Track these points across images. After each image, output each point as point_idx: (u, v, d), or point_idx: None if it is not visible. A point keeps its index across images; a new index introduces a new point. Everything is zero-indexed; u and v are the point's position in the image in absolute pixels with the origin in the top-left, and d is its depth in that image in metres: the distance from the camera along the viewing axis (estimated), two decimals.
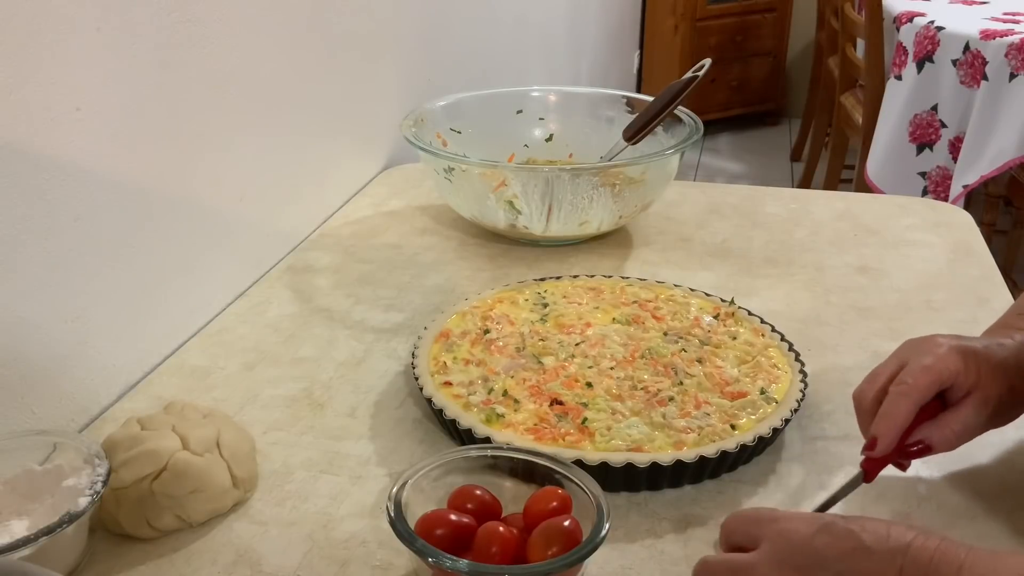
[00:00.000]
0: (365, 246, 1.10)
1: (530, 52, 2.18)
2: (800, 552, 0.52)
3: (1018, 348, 0.64)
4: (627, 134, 1.09)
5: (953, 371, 0.62)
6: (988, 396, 0.62)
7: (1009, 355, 0.63)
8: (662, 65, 3.83)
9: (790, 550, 0.52)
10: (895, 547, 0.49)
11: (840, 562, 0.50)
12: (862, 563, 0.50)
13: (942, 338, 0.64)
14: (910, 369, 0.62)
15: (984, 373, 0.62)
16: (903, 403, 0.61)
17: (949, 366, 0.61)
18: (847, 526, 0.52)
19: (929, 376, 0.61)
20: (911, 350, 0.64)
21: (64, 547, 0.59)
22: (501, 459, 0.62)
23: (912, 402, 0.61)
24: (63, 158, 0.72)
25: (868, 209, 1.20)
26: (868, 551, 0.50)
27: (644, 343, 0.80)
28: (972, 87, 2.27)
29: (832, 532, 0.52)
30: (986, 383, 0.62)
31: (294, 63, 1.05)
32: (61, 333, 0.74)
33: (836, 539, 0.51)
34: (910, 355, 0.64)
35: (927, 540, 0.49)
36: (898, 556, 0.49)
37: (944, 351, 0.62)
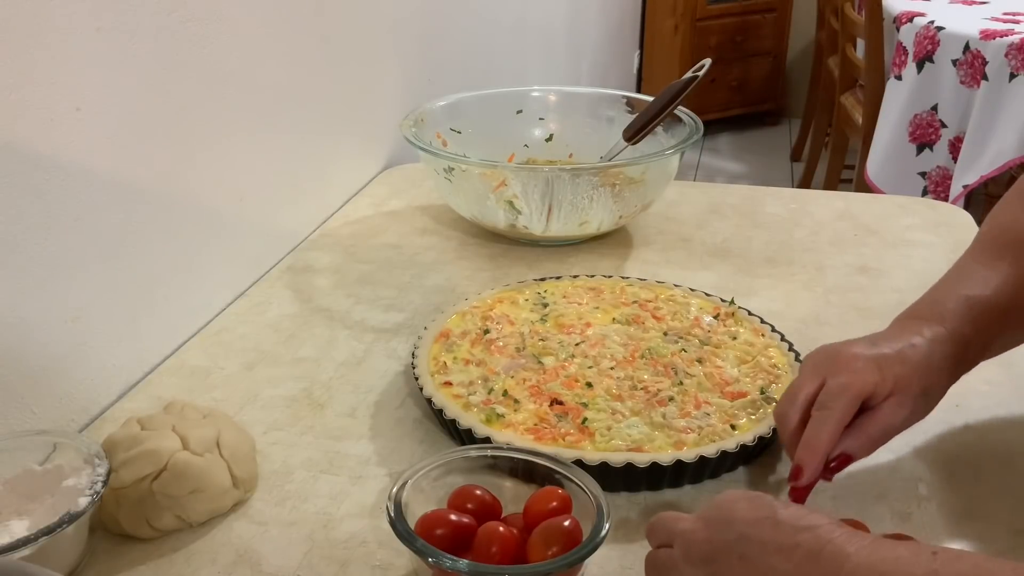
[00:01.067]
0: (365, 246, 1.10)
1: (530, 52, 2.18)
2: (716, 508, 0.53)
3: (928, 348, 0.64)
4: (627, 134, 1.09)
5: (871, 384, 0.62)
6: (904, 400, 0.63)
7: (921, 357, 0.64)
8: (662, 65, 3.83)
9: (711, 506, 0.54)
10: (803, 526, 0.50)
11: (747, 525, 0.51)
12: (766, 531, 0.50)
13: (857, 348, 0.64)
14: (829, 390, 0.63)
15: (899, 379, 0.63)
16: (825, 429, 0.61)
17: (867, 380, 0.62)
18: (771, 501, 0.53)
19: (848, 395, 0.62)
20: (828, 365, 0.64)
21: (64, 547, 0.59)
22: (501, 459, 0.62)
23: (835, 426, 0.62)
24: (63, 158, 0.72)
25: (868, 209, 1.20)
26: (777, 522, 0.51)
27: (644, 343, 0.80)
28: (972, 87, 2.27)
29: (753, 501, 0.53)
30: (901, 388, 0.63)
31: (294, 63, 1.06)
32: (61, 333, 0.74)
33: (753, 507, 0.52)
34: (827, 371, 0.64)
35: (834, 531, 0.49)
36: (802, 532, 0.50)
37: (860, 365, 0.63)
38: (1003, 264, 0.68)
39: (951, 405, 0.76)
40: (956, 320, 0.66)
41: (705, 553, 0.52)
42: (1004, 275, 0.68)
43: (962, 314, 0.66)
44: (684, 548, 0.53)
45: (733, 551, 0.51)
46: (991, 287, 0.67)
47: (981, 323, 0.66)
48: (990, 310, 0.66)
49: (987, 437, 0.74)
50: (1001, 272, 0.68)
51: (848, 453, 0.63)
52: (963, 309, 0.66)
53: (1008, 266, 0.68)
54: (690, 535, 0.53)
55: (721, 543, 0.51)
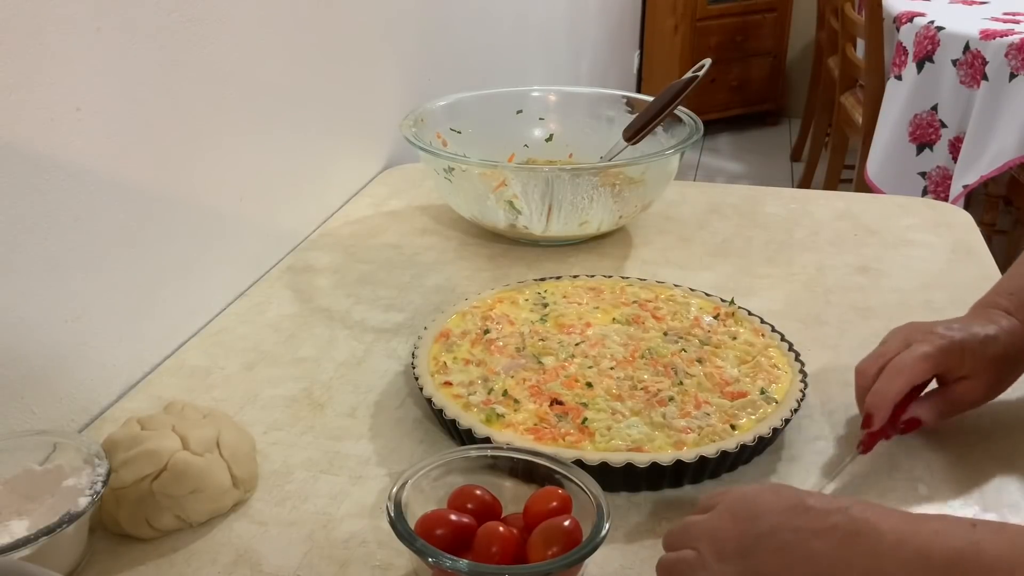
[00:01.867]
0: (365, 246, 1.10)
1: (530, 52, 2.18)
2: (741, 501, 0.54)
3: (1005, 342, 0.69)
4: (627, 134, 1.09)
5: (950, 363, 0.68)
6: (977, 385, 0.69)
7: (999, 351, 0.69)
8: (662, 65, 3.83)
9: (733, 501, 0.55)
10: (833, 508, 0.51)
11: (777, 515, 0.52)
12: (798, 518, 0.51)
13: (945, 330, 0.69)
14: (910, 353, 0.68)
15: (977, 367, 0.68)
16: (897, 381, 0.67)
17: (948, 359, 0.68)
18: (794, 490, 0.54)
19: (927, 364, 0.67)
20: (916, 335, 0.69)
21: (64, 547, 0.59)
22: (501, 459, 0.62)
23: (905, 381, 0.67)
24: (63, 158, 0.72)
25: (868, 209, 1.20)
26: (807, 508, 0.51)
27: (644, 343, 0.80)
28: (972, 87, 2.27)
29: (777, 492, 0.54)
30: (977, 375, 0.68)
31: (294, 63, 1.06)
32: (61, 333, 0.74)
33: (779, 497, 0.53)
34: (914, 339, 0.69)
35: (866, 510, 0.50)
36: (834, 515, 0.50)
37: (946, 344, 0.68)
38: None
39: None
40: None
41: (739, 548, 0.52)
42: None
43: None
44: (714, 546, 0.53)
45: (769, 543, 0.51)
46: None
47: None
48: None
49: (987, 437, 0.74)
50: None
51: (917, 417, 0.69)
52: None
53: None
54: (719, 532, 0.53)
55: (754, 536, 0.52)
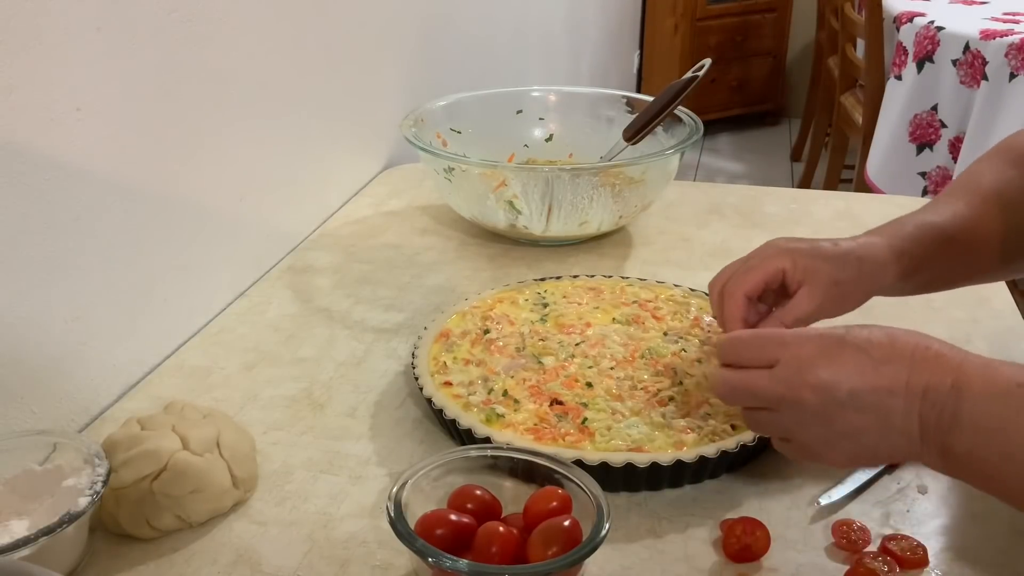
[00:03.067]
0: (365, 246, 1.10)
1: (530, 52, 2.18)
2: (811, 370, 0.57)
3: (850, 248, 0.71)
4: (627, 134, 1.09)
5: (779, 269, 0.70)
6: (814, 290, 0.69)
7: (837, 252, 0.70)
8: (662, 65, 3.83)
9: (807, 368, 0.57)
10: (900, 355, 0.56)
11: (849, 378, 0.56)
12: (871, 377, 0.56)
13: (780, 241, 0.72)
14: (737, 271, 0.72)
15: (809, 269, 0.70)
16: (731, 304, 0.71)
17: (776, 265, 0.70)
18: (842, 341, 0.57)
19: (755, 276, 0.70)
20: (754, 251, 0.73)
21: (64, 547, 0.59)
22: (501, 459, 0.61)
23: (740, 298, 0.70)
24: (63, 158, 0.72)
25: (868, 209, 1.19)
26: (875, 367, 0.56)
27: (644, 343, 0.80)
28: (972, 87, 2.27)
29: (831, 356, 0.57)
30: (811, 277, 0.70)
31: (294, 63, 1.06)
32: (61, 333, 0.74)
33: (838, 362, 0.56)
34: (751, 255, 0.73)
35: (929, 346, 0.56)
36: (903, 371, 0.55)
37: (772, 252, 0.71)
38: (959, 202, 0.75)
39: None
40: (896, 235, 0.72)
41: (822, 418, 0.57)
42: (956, 208, 0.74)
43: (906, 232, 0.72)
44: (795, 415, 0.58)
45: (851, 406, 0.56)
46: (941, 215, 0.74)
47: (921, 241, 0.72)
48: (933, 232, 0.72)
49: None
50: (954, 206, 0.74)
51: None
52: (909, 228, 0.73)
53: (964, 205, 0.74)
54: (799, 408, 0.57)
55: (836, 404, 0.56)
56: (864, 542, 0.62)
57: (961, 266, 0.75)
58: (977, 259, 0.75)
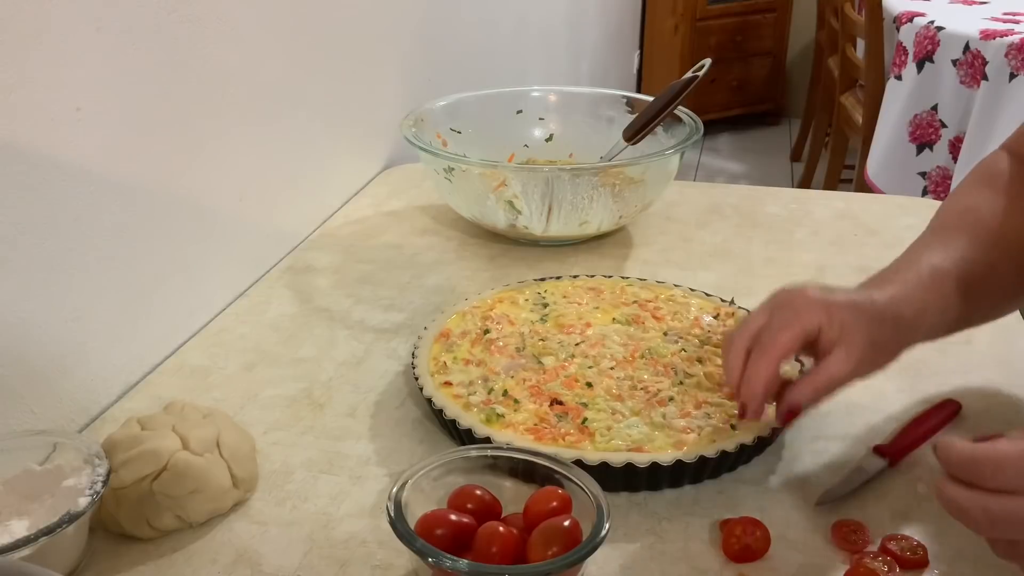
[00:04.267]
0: (365, 246, 1.10)
1: (530, 52, 2.18)
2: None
3: (885, 303, 0.65)
4: (627, 134, 1.09)
5: (815, 326, 0.63)
6: (851, 349, 0.63)
7: (874, 310, 0.64)
8: (662, 65, 3.83)
9: None
10: None
11: None
12: None
13: (811, 291, 0.65)
14: (770, 326, 0.64)
15: (847, 326, 0.63)
16: (763, 364, 0.63)
17: (812, 321, 0.63)
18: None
19: (790, 334, 0.63)
20: (780, 302, 0.66)
21: (64, 547, 0.59)
22: (501, 459, 0.61)
23: (772, 361, 0.63)
24: (63, 158, 0.72)
25: (868, 209, 1.20)
26: None
27: (644, 343, 0.80)
28: (972, 87, 2.27)
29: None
30: (849, 336, 0.63)
31: (294, 63, 1.06)
32: (61, 333, 0.74)
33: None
34: (775, 308, 0.65)
35: None
36: None
37: (807, 305, 0.64)
38: (962, 242, 0.70)
39: None
40: (917, 285, 0.67)
41: None
42: (962, 251, 0.70)
43: (924, 281, 0.67)
44: None
45: None
46: (951, 259, 0.69)
47: (941, 291, 0.68)
48: (951, 280, 0.68)
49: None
50: (960, 248, 0.70)
51: (792, 404, 0.64)
52: (926, 275, 0.68)
53: (968, 244, 0.70)
54: None
55: None
56: (864, 542, 0.62)
57: (980, 310, 0.72)
58: (996, 299, 0.73)
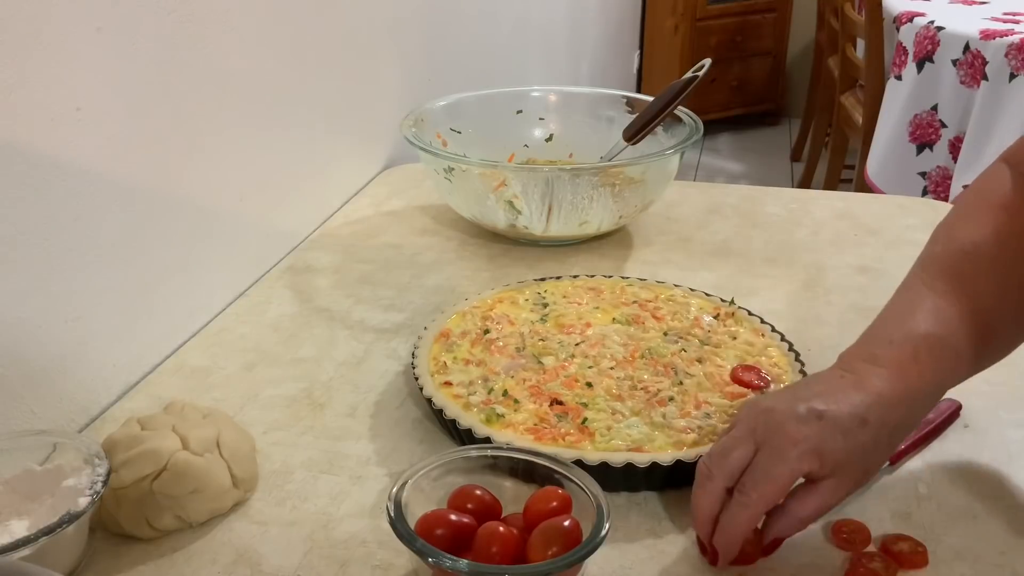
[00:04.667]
0: (365, 246, 1.10)
1: (530, 52, 2.18)
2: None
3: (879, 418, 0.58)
4: (627, 134, 1.09)
5: (805, 472, 0.57)
6: (843, 483, 0.58)
7: (866, 437, 0.58)
8: (662, 65, 3.83)
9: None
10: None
11: None
12: None
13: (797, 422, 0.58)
14: (755, 472, 0.57)
15: (839, 465, 0.57)
16: (745, 519, 0.57)
17: (802, 469, 0.57)
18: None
19: (777, 487, 0.57)
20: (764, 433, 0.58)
21: (64, 547, 0.59)
22: (501, 459, 0.62)
23: (755, 517, 0.57)
24: (63, 158, 0.72)
25: (868, 209, 1.20)
26: None
27: (644, 343, 0.80)
28: (972, 87, 2.27)
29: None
30: (842, 472, 0.58)
31: (294, 63, 1.06)
32: (61, 333, 0.74)
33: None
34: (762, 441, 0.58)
35: None
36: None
37: (797, 452, 0.56)
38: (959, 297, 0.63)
39: None
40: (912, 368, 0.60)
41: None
42: (959, 311, 0.63)
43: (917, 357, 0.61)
44: None
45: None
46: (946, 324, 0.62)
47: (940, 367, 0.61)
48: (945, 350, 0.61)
49: (987, 437, 0.74)
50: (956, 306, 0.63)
51: (778, 538, 0.60)
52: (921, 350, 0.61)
53: (967, 299, 0.63)
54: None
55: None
56: (864, 542, 0.62)
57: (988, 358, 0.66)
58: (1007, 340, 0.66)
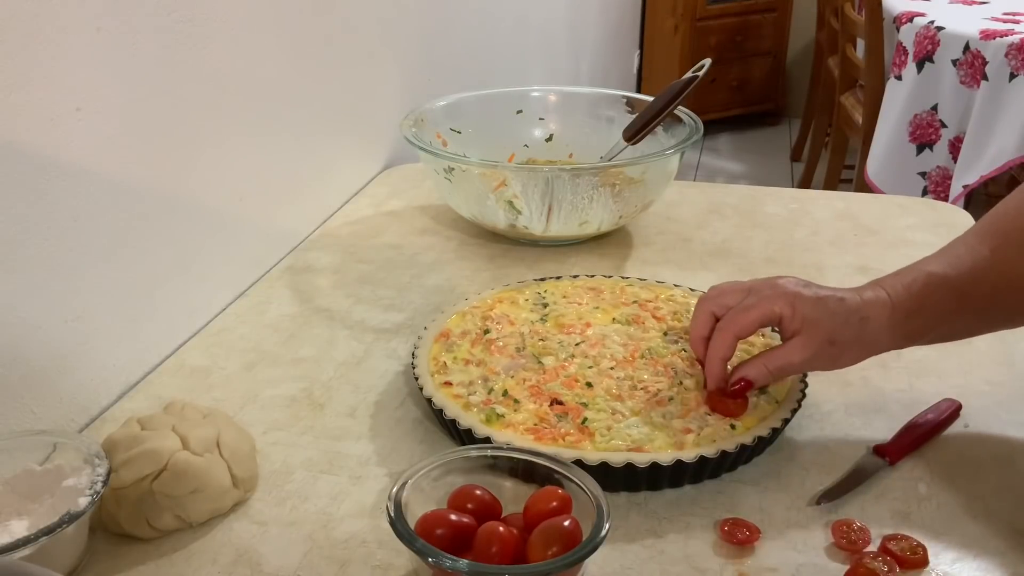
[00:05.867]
0: (365, 246, 1.10)
1: (530, 52, 2.18)
2: None
3: (855, 305, 0.67)
4: (627, 134, 1.09)
5: (776, 314, 0.67)
6: (808, 342, 0.67)
7: (839, 308, 0.67)
8: (662, 65, 3.83)
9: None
10: None
11: None
12: None
13: (787, 282, 0.69)
14: (736, 307, 0.69)
15: (808, 320, 0.66)
16: (720, 340, 0.69)
17: (774, 309, 0.67)
18: None
19: (750, 317, 0.68)
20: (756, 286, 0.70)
21: (64, 547, 0.59)
22: (501, 459, 0.61)
23: (729, 339, 0.68)
24: (63, 158, 0.72)
25: (868, 209, 1.20)
26: None
27: (644, 343, 0.80)
28: (972, 87, 2.27)
29: None
30: (808, 329, 0.67)
31: (294, 63, 1.06)
32: (61, 333, 0.74)
33: None
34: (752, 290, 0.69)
35: None
36: None
37: (775, 294, 0.67)
38: (983, 248, 0.68)
39: None
40: (904, 291, 0.67)
41: None
42: (978, 257, 0.68)
43: (915, 287, 0.67)
44: None
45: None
46: (958, 267, 0.68)
47: (931, 299, 0.67)
48: (946, 288, 0.67)
49: (987, 437, 0.74)
50: (977, 255, 0.68)
51: (744, 377, 0.69)
52: (919, 282, 0.67)
53: (988, 251, 0.68)
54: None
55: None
56: (864, 542, 0.62)
57: (980, 321, 0.70)
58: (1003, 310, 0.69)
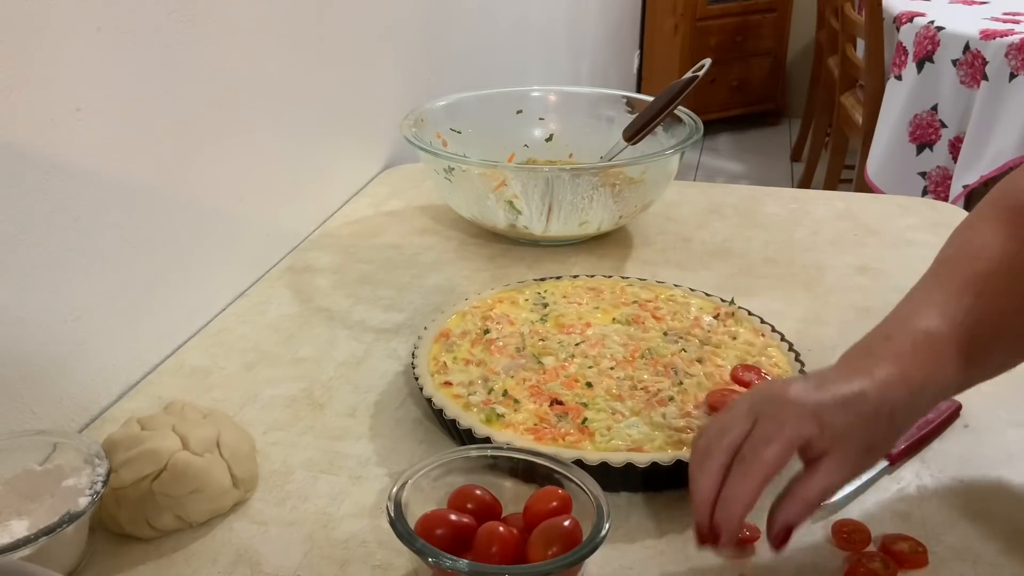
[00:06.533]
0: (365, 246, 1.10)
1: (530, 52, 2.18)
2: None
3: (878, 399, 0.56)
4: (627, 134, 1.09)
5: (804, 437, 0.55)
6: (845, 457, 0.56)
7: (867, 410, 0.56)
8: (662, 65, 3.83)
9: None
10: None
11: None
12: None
13: (798, 390, 0.57)
14: (754, 439, 0.55)
15: (838, 433, 0.55)
16: (747, 487, 0.54)
17: (800, 432, 0.55)
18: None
19: (777, 450, 0.54)
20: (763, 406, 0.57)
21: (64, 547, 0.59)
22: (501, 459, 0.62)
23: (758, 485, 0.54)
24: (63, 158, 0.72)
25: (868, 209, 1.20)
26: None
27: (644, 343, 0.80)
28: (972, 87, 2.27)
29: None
30: (841, 443, 0.55)
31: (294, 63, 1.06)
32: (61, 333, 0.74)
33: None
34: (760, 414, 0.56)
35: None
36: None
37: (795, 414, 0.55)
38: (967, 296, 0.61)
39: None
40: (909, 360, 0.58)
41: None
42: (966, 307, 0.61)
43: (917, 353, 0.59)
44: None
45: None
46: (949, 320, 0.60)
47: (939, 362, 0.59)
48: (950, 346, 0.59)
49: (987, 437, 0.74)
50: (962, 302, 0.61)
51: (788, 524, 0.56)
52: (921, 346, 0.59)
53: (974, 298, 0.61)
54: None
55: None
56: (864, 542, 0.62)
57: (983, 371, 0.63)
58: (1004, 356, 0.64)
